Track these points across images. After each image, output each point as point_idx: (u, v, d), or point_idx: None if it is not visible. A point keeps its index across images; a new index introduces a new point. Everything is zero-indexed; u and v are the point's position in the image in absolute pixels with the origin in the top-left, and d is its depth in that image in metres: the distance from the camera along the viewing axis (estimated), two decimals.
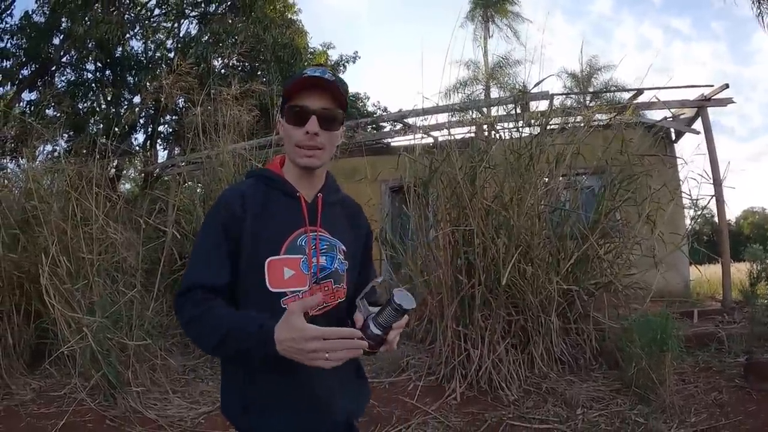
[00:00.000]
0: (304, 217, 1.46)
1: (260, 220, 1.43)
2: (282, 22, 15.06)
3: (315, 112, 1.41)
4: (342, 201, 1.63)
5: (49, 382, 4.63)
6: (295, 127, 1.43)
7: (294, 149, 1.45)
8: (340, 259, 1.51)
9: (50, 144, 7.44)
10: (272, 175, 1.53)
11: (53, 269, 4.48)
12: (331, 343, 1.16)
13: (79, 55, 14.62)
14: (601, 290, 4.97)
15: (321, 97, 1.42)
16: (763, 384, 4.14)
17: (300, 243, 1.44)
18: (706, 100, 7.82)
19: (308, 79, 1.41)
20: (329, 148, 1.48)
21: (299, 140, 1.43)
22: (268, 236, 1.43)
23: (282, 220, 1.45)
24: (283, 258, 1.42)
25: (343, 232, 1.55)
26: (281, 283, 1.41)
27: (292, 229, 1.45)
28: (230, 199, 1.47)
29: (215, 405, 4.19)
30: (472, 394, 4.22)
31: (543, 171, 5.03)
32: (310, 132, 1.40)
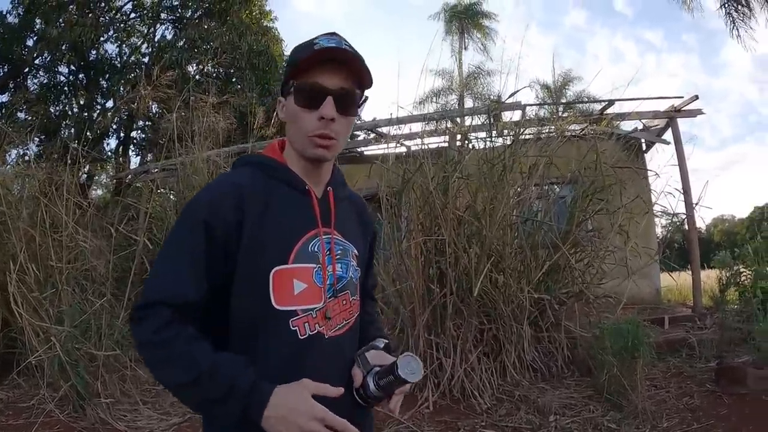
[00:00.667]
0: (316, 217, 1.19)
1: (263, 220, 1.14)
2: (258, 29, 15.01)
3: (332, 93, 1.13)
4: (350, 197, 1.37)
5: (17, 393, 4.54)
6: (307, 110, 1.14)
7: (303, 137, 1.16)
8: (353, 265, 1.27)
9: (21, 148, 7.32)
10: (274, 163, 1.23)
11: (21, 277, 4.40)
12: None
13: (53, 58, 14.39)
14: (572, 299, 5.03)
15: (338, 73, 1.14)
16: (734, 388, 4.23)
17: (312, 249, 1.17)
18: (676, 111, 7.96)
19: (324, 52, 1.12)
20: (344, 136, 1.21)
21: (311, 127, 1.14)
22: (274, 240, 1.13)
23: (290, 220, 1.17)
24: (293, 267, 1.13)
25: (355, 233, 1.31)
26: (290, 299, 1.12)
27: (302, 232, 1.17)
28: (222, 193, 1.15)
29: (185, 416, 4.13)
30: (445, 402, 4.23)
31: (516, 181, 5.08)
32: (326, 117, 1.12)
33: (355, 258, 1.28)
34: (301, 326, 1.13)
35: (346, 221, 1.29)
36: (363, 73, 1.18)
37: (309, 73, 1.13)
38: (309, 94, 1.13)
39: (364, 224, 1.39)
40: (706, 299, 7.36)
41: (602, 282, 5.20)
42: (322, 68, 1.13)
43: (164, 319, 1.04)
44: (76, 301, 4.51)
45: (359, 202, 1.41)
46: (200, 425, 1.24)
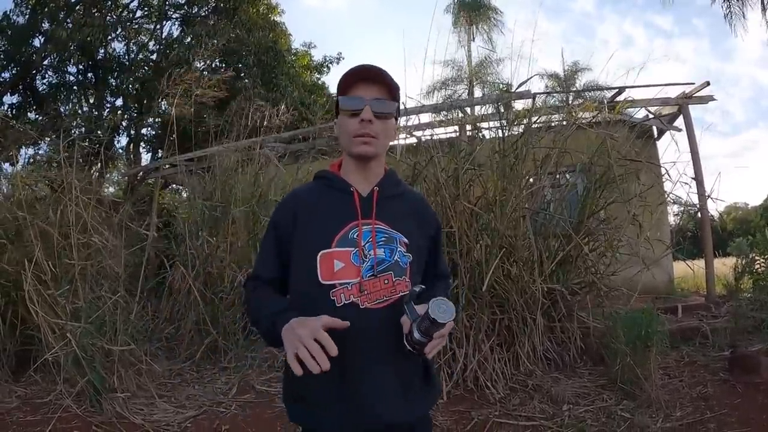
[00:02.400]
0: (357, 210, 1.48)
1: (312, 216, 1.50)
2: (265, 24, 14.97)
3: (368, 101, 1.45)
4: (404, 194, 1.64)
5: (35, 390, 4.56)
6: (350, 118, 1.48)
7: (349, 140, 1.49)
8: (401, 251, 1.51)
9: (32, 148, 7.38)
10: (328, 174, 1.59)
11: (37, 275, 4.44)
12: (311, 343, 1.24)
13: (61, 58, 14.41)
14: (585, 290, 5.01)
15: (373, 87, 1.47)
16: (747, 377, 4.20)
17: (352, 236, 1.46)
18: (687, 97, 7.90)
19: (360, 71, 1.48)
20: (384, 137, 1.52)
21: (354, 129, 1.47)
22: (320, 230, 1.47)
23: (334, 214, 1.49)
24: (334, 251, 1.44)
25: (405, 224, 1.55)
26: (331, 275, 1.43)
27: (345, 223, 1.47)
28: (284, 202, 1.60)
29: (201, 409, 4.17)
30: (459, 392, 4.24)
31: (528, 171, 5.06)
32: (364, 119, 1.44)
33: (404, 245, 1.51)
34: (338, 296, 1.42)
35: (396, 214, 1.54)
36: (391, 86, 1.49)
37: (350, 90, 1.49)
38: (351, 103, 1.47)
39: (421, 218, 1.62)
40: (719, 287, 7.33)
41: (615, 272, 5.17)
42: (360, 84, 1.48)
43: (252, 286, 1.59)
44: (90, 297, 4.55)
45: (417, 199, 1.71)
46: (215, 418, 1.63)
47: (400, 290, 1.47)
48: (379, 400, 1.42)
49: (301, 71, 16.40)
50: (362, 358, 1.41)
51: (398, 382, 1.46)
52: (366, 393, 1.41)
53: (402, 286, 1.48)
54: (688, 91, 7.89)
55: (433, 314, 1.26)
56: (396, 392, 1.45)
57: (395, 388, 1.45)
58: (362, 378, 1.41)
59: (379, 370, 1.43)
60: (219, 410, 4.19)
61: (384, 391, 1.43)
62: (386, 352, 1.44)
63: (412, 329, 1.33)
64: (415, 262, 1.54)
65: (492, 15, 22.86)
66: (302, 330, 1.26)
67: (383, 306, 1.45)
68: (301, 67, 16.69)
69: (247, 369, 5.04)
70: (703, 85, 7.72)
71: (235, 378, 4.85)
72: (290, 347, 1.26)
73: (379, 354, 1.43)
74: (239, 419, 4.01)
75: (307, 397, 1.45)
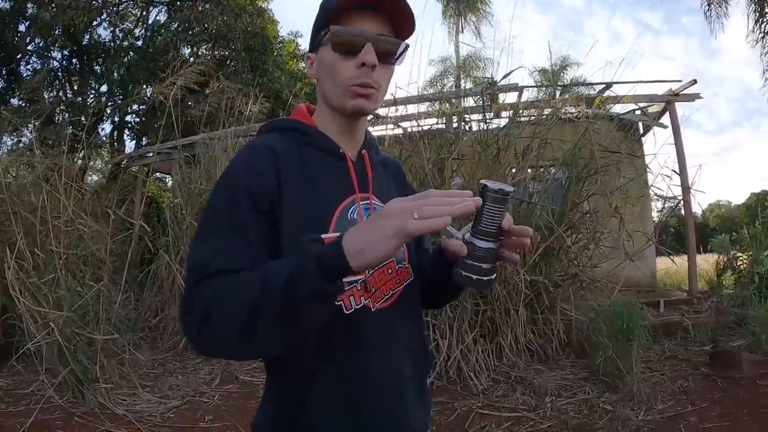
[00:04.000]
0: (353, 182, 1.11)
1: (300, 187, 1.04)
2: (253, 10, 14.86)
3: (371, 39, 1.05)
4: (385, 160, 1.29)
5: (16, 380, 4.53)
6: (344, 57, 1.06)
7: (342, 89, 1.08)
8: None
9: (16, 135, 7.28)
10: (304, 127, 1.13)
11: (19, 263, 4.39)
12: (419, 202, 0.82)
13: (45, 43, 14.23)
14: (567, 282, 5.04)
15: (376, 20, 1.06)
16: (728, 372, 4.27)
17: (351, 216, 1.08)
18: (674, 95, 7.94)
19: None
20: (384, 89, 1.13)
21: (350, 75, 1.06)
22: (313, 210, 1.04)
23: (326, 186, 1.08)
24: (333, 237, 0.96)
25: (393, 197, 1.01)
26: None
27: (340, 199, 1.08)
28: (258, 161, 1.04)
29: (184, 399, 4.17)
30: (442, 383, 4.27)
31: (510, 162, 5.07)
32: (367, 64, 1.04)
33: None
34: (346, 300, 1.03)
35: (383, 185, 1.20)
36: (405, 19, 1.08)
37: (347, 19, 1.05)
38: (348, 39, 1.05)
39: (403, 188, 1.30)
40: (701, 283, 7.41)
41: (598, 265, 5.21)
42: (359, 14, 1.05)
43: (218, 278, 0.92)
44: (73, 285, 4.50)
45: (395, 166, 1.34)
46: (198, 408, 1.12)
47: (404, 279, 1.15)
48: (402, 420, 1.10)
49: (287, 59, 16.33)
50: (381, 377, 1.07)
51: (416, 385, 1.15)
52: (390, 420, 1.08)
53: (404, 274, 1.15)
54: (675, 89, 7.94)
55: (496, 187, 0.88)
56: (415, 401, 1.14)
57: (414, 396, 1.14)
58: (384, 402, 1.07)
59: (401, 386, 1.10)
60: (202, 400, 4.19)
61: (406, 406, 1.11)
62: (405, 359, 1.12)
63: (472, 243, 0.91)
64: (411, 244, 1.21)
65: (481, 6, 22.90)
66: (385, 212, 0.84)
67: (390, 303, 1.11)
68: (287, 55, 16.61)
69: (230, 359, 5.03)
70: (690, 82, 7.77)
71: (218, 368, 4.85)
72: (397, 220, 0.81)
73: (399, 364, 1.10)
74: (222, 410, 4.01)
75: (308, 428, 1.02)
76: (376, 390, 1.05)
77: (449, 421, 3.74)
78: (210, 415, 3.91)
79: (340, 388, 1.02)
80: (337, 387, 1.02)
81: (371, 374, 1.04)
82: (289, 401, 1.03)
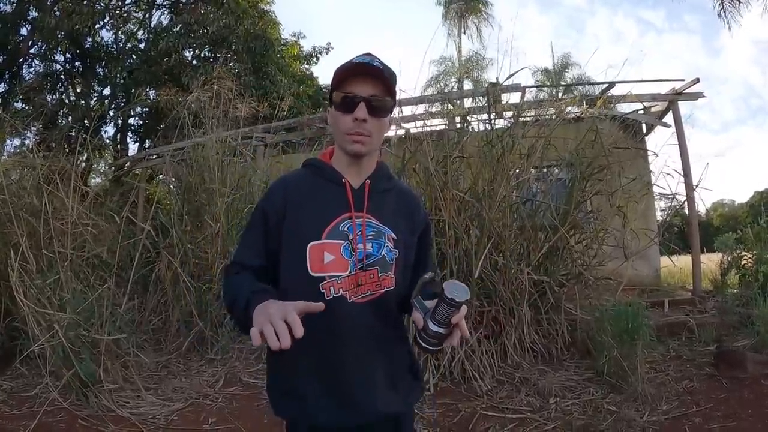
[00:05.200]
0: (350, 203, 1.47)
1: (303, 206, 1.47)
2: (255, 13, 14.86)
3: (363, 99, 1.42)
4: (396, 189, 1.62)
5: (20, 383, 4.53)
6: (344, 114, 1.44)
7: (342, 136, 1.47)
8: (388, 246, 1.49)
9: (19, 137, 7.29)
10: (319, 163, 1.56)
11: (23, 265, 4.39)
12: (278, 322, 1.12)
13: (49, 47, 14.25)
14: (572, 281, 5.03)
15: (369, 84, 1.43)
16: (733, 372, 4.25)
17: (342, 228, 1.45)
18: (677, 93, 7.91)
19: (357, 66, 1.43)
20: (377, 135, 1.50)
21: (347, 127, 1.44)
22: (311, 221, 1.45)
23: (325, 205, 1.47)
24: (324, 243, 1.43)
25: (394, 220, 1.54)
26: (321, 267, 1.42)
27: (336, 215, 1.46)
28: (274, 188, 1.55)
29: (188, 401, 4.16)
30: (446, 385, 4.26)
31: (515, 163, 5.07)
32: (358, 119, 1.42)
33: (391, 240, 1.50)
34: (327, 289, 1.41)
35: (386, 209, 1.53)
36: (389, 83, 1.44)
37: (347, 85, 1.44)
38: (346, 101, 1.43)
39: (410, 216, 1.60)
40: (705, 283, 7.38)
41: (602, 264, 5.19)
42: (357, 80, 1.43)
43: (232, 271, 1.49)
44: (78, 287, 4.50)
45: (408, 194, 1.67)
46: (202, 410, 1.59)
47: (385, 286, 1.47)
48: (369, 391, 1.45)
49: (290, 61, 16.32)
50: (351, 351, 1.43)
51: (387, 373, 1.49)
52: (357, 385, 1.43)
53: (387, 281, 1.48)
54: (678, 88, 7.91)
55: (451, 295, 1.21)
56: (386, 384, 1.48)
57: (384, 379, 1.48)
58: (353, 370, 1.43)
59: (368, 362, 1.45)
60: (206, 403, 4.18)
61: (374, 382, 1.46)
62: (374, 346, 1.46)
63: (426, 323, 1.28)
64: (402, 258, 1.52)
65: (482, 8, 22.94)
66: (274, 309, 1.18)
67: (368, 300, 1.45)
68: (290, 58, 16.59)
69: (234, 361, 5.03)
70: (693, 81, 7.73)
71: (222, 370, 4.84)
72: (256, 324, 1.15)
73: (368, 347, 1.45)
74: (226, 412, 4.01)
75: (295, 391, 1.44)
76: (346, 363, 1.43)
77: (453, 423, 3.73)
78: (214, 418, 3.90)
79: (319, 357, 1.41)
80: (317, 356, 1.41)
81: (341, 346, 1.42)
82: (280, 369, 1.50)
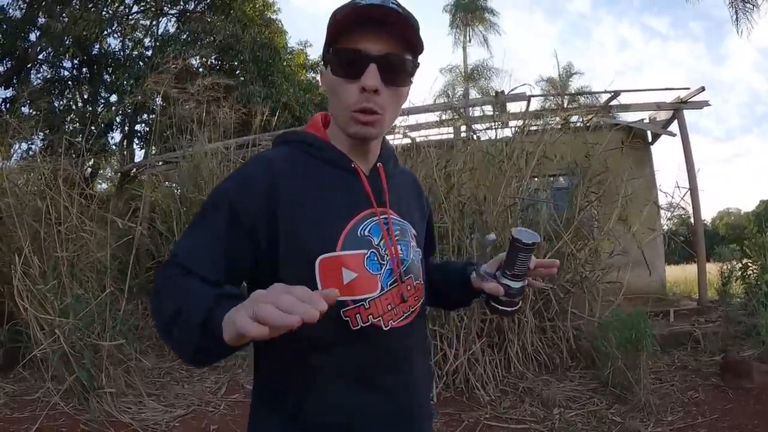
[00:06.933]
0: (369, 196, 1.06)
1: (302, 205, 1.01)
2: (261, 21, 14.96)
3: (374, 59, 0.97)
4: (403, 172, 1.25)
5: (22, 386, 4.52)
6: (346, 81, 1.00)
7: (344, 113, 1.02)
8: (413, 246, 1.13)
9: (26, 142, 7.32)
10: (314, 140, 1.09)
11: (26, 270, 4.40)
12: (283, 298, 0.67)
13: (56, 52, 14.38)
14: (576, 288, 5.00)
15: (384, 37, 0.98)
16: (739, 382, 4.22)
17: (363, 232, 1.03)
18: (682, 102, 7.90)
19: (363, 10, 0.95)
20: (392, 111, 1.05)
21: (351, 101, 1.00)
22: (318, 226, 1.00)
23: (335, 201, 1.03)
24: (341, 255, 1.00)
25: (411, 211, 1.18)
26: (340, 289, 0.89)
27: (351, 214, 1.04)
28: (251, 173, 1.02)
29: (190, 408, 4.15)
30: (449, 394, 4.23)
31: (519, 171, 5.08)
32: (368, 88, 0.97)
33: (413, 238, 1.15)
34: (352, 317, 1.00)
35: (402, 198, 1.16)
36: (412, 36, 1.00)
37: (349, 37, 0.98)
38: (348, 61, 0.99)
39: (419, 199, 1.26)
40: (711, 292, 7.34)
41: (605, 271, 5.17)
42: (363, 31, 0.97)
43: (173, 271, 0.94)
44: (80, 292, 4.50)
45: (411, 176, 1.30)
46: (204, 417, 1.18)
47: (420, 297, 1.13)
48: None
49: (297, 69, 16.39)
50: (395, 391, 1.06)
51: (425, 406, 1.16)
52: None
53: (421, 291, 1.13)
54: (683, 96, 7.90)
55: (528, 239, 1.05)
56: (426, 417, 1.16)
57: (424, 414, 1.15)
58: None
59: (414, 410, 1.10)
60: (208, 410, 4.17)
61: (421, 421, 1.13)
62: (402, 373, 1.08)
63: (507, 285, 1.08)
64: (423, 257, 1.20)
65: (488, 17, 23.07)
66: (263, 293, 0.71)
67: (409, 322, 1.08)
68: (297, 66, 16.66)
69: (237, 368, 5.01)
70: (698, 90, 7.72)
71: (224, 377, 4.83)
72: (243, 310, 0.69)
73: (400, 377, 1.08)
74: (228, 419, 3.99)
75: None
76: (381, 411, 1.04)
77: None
78: (215, 425, 3.88)
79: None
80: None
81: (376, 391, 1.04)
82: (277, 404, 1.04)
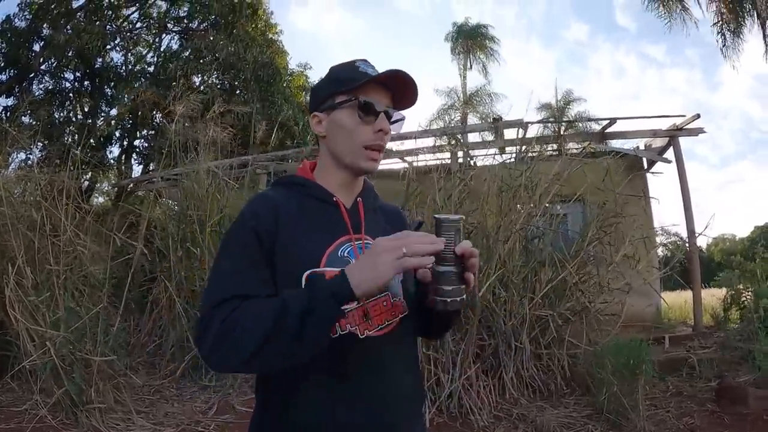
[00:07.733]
0: (346, 224, 1.27)
1: (295, 230, 1.22)
2: (263, 41, 15.07)
3: (384, 111, 1.25)
4: (382, 207, 1.44)
5: (10, 397, 4.48)
6: (363, 124, 1.24)
7: (357, 150, 1.26)
8: None
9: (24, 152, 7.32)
10: (304, 181, 1.33)
11: (18, 280, 4.37)
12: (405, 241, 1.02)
13: (59, 64, 14.44)
14: (576, 316, 4.99)
15: (384, 94, 1.27)
16: (734, 408, 4.20)
17: (342, 253, 1.23)
18: (678, 129, 7.98)
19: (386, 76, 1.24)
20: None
21: (367, 138, 1.24)
22: (305, 247, 1.21)
23: (320, 228, 1.25)
24: (324, 271, 1.18)
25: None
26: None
27: (333, 238, 1.24)
28: (260, 206, 1.25)
29: (179, 427, 4.09)
30: (442, 419, 4.19)
31: (525, 199, 5.12)
32: (384, 130, 1.25)
33: None
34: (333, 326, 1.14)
35: (378, 228, 1.32)
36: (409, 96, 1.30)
37: (365, 91, 1.24)
38: (368, 108, 1.23)
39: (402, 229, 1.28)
40: (706, 318, 7.34)
41: (605, 301, 5.18)
42: (374, 87, 1.24)
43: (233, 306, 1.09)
44: (72, 305, 4.47)
45: (394, 211, 1.50)
46: None
47: (399, 312, 1.27)
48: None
49: (296, 91, 16.48)
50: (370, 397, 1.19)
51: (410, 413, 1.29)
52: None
53: (399, 308, 1.28)
54: (679, 123, 7.98)
55: (442, 215, 1.09)
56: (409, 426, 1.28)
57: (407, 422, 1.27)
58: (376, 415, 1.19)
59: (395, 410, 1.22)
60: (197, 429, 4.12)
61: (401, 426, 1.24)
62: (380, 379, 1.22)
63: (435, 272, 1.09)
64: (405, 280, 1.32)
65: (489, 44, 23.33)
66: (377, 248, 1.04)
67: (385, 332, 1.23)
68: (296, 87, 16.77)
69: (228, 389, 4.95)
70: (693, 117, 7.80)
71: (215, 397, 4.77)
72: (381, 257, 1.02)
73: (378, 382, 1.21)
74: None
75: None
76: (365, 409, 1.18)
77: None
78: None
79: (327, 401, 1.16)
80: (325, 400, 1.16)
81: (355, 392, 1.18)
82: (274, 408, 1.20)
